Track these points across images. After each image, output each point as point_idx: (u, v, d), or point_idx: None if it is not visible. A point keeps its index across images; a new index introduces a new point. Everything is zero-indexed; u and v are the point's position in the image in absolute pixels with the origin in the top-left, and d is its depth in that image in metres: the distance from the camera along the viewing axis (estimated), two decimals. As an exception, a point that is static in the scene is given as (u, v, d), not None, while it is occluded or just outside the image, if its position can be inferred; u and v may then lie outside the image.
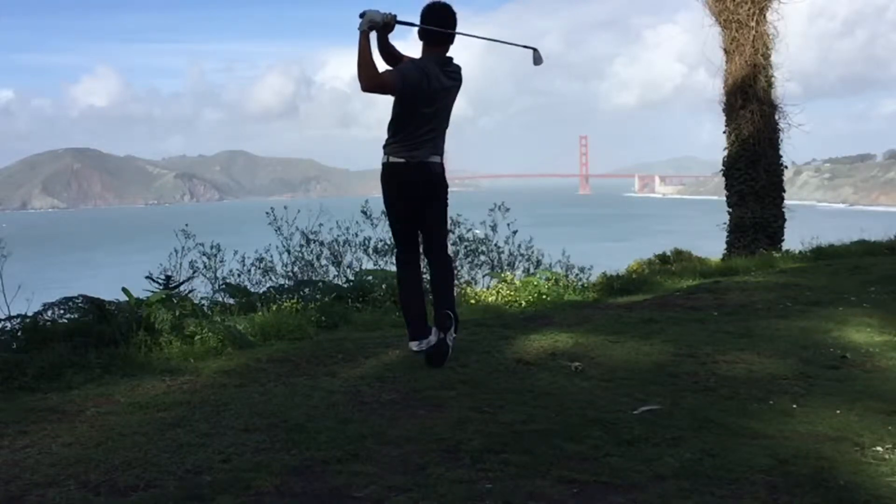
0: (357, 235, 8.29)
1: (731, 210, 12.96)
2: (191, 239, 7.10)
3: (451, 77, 4.15)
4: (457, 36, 4.16)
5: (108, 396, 3.54)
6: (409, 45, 4.37)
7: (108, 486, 2.49)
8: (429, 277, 4.63)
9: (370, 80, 3.89)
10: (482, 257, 8.78)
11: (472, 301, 6.57)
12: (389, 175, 4.17)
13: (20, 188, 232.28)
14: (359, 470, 2.59)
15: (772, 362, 4.06)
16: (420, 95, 4.01)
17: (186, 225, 7.21)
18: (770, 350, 4.33)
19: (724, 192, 13.17)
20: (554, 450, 2.76)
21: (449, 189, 4.32)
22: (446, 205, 4.32)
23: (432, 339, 4.09)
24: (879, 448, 2.78)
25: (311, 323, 5.14)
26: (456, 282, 7.80)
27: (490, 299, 6.69)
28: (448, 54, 4.18)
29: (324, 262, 8.08)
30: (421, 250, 4.40)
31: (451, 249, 8.32)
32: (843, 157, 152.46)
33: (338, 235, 8.27)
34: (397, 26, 4.12)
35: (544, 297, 6.71)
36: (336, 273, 7.97)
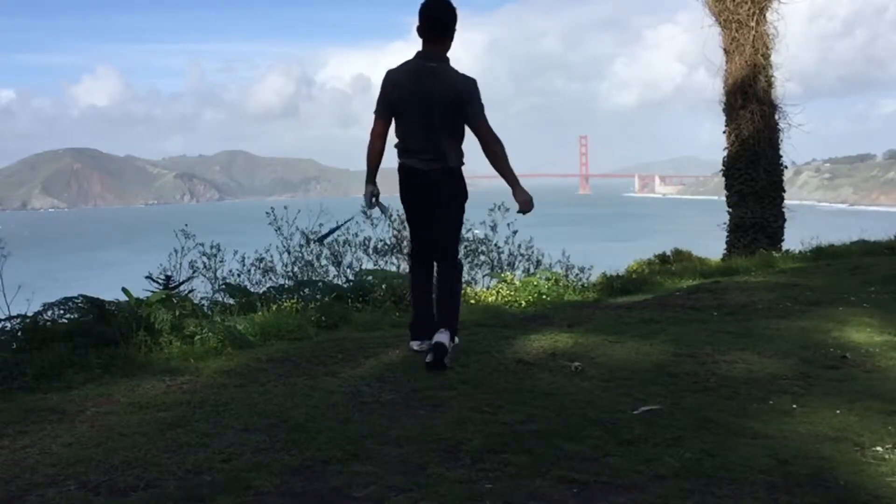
0: (357, 235, 8.28)
1: (731, 210, 12.97)
2: (191, 239, 7.09)
3: (434, 70, 4.01)
4: (456, 34, 4.12)
5: (108, 396, 3.54)
6: (410, 44, 4.36)
7: (108, 486, 2.49)
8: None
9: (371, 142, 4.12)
10: (482, 257, 8.77)
11: (472, 301, 6.57)
12: (399, 176, 4.23)
13: (20, 188, 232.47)
14: (359, 470, 2.59)
15: (772, 362, 4.06)
16: (394, 102, 4.02)
17: (186, 225, 7.19)
18: (770, 350, 4.32)
19: (724, 192, 13.18)
20: (554, 450, 2.75)
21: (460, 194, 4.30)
22: (456, 211, 4.33)
23: (434, 339, 4.08)
24: (879, 448, 2.78)
25: (311, 323, 5.13)
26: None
27: (490, 299, 6.69)
28: (447, 54, 4.12)
29: (324, 262, 8.07)
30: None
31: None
32: (843, 157, 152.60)
33: (338, 235, 8.26)
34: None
35: (544, 297, 6.71)
36: (336, 273, 7.96)
